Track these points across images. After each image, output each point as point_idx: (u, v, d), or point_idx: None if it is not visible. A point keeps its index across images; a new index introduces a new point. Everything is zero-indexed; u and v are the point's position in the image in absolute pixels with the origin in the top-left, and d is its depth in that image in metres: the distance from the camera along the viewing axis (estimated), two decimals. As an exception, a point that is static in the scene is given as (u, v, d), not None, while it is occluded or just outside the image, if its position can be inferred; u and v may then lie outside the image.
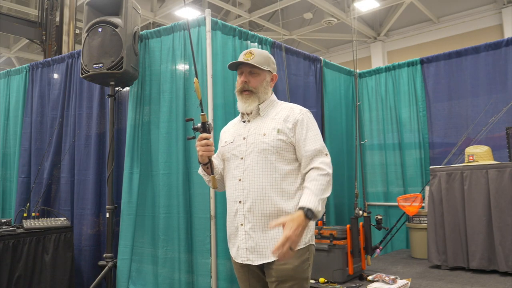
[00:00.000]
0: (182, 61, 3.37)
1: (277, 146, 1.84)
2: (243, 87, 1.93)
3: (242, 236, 1.85)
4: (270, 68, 1.98)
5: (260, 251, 1.82)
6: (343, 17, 10.45)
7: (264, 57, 1.96)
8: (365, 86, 5.09)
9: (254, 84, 1.93)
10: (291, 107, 1.96)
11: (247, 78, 1.93)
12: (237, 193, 1.87)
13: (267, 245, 1.80)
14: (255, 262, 1.83)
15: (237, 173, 1.88)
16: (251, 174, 1.84)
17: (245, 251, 1.84)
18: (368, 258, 3.41)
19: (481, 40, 4.68)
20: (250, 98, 1.93)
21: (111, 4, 3.33)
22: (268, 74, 1.98)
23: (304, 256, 1.82)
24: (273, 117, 1.92)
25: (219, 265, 3.06)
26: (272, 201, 1.80)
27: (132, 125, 3.44)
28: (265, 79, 1.96)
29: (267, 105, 1.97)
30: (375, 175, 4.89)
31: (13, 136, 4.45)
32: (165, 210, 3.27)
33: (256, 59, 1.92)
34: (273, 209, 1.80)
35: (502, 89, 4.17)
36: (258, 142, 1.86)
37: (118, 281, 3.28)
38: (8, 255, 3.10)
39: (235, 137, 1.97)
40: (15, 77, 4.58)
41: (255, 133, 1.90)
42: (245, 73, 1.94)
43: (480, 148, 3.75)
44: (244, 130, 1.96)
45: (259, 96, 1.94)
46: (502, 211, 3.32)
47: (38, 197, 3.97)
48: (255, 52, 1.94)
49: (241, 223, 1.85)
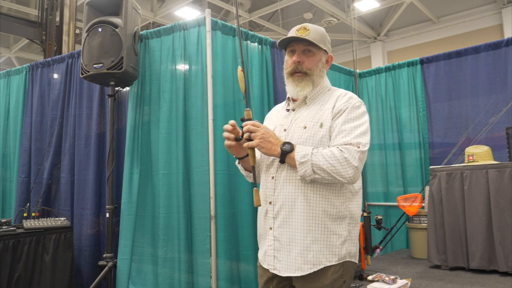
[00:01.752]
0: (182, 61, 3.37)
1: (317, 143, 1.57)
2: (295, 68, 1.66)
3: (270, 242, 1.63)
4: (326, 47, 1.69)
5: (287, 261, 1.59)
6: (343, 17, 10.45)
7: (320, 34, 1.67)
8: (365, 86, 5.09)
9: (309, 65, 1.65)
10: (341, 95, 1.66)
11: (301, 58, 1.65)
12: (268, 192, 1.65)
13: (296, 256, 1.57)
14: (281, 273, 1.61)
15: (272, 169, 1.65)
16: (284, 173, 1.61)
17: (273, 259, 1.63)
18: (368, 258, 3.41)
19: (481, 40, 4.68)
20: (304, 81, 1.65)
21: (111, 4, 3.33)
22: (324, 54, 1.70)
23: (337, 274, 1.57)
24: (320, 107, 1.64)
25: (219, 265, 3.05)
26: (302, 206, 1.56)
27: (132, 125, 3.44)
28: (320, 60, 1.68)
29: (318, 92, 1.69)
30: (375, 175, 4.90)
31: (13, 136, 4.45)
32: (165, 210, 3.27)
33: (312, 35, 1.62)
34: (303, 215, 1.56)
35: (502, 89, 4.17)
36: (297, 136, 1.61)
37: (118, 281, 3.28)
38: (8, 255, 3.10)
39: (276, 126, 1.72)
40: (15, 77, 4.58)
41: (296, 125, 1.65)
42: (298, 52, 1.65)
43: (480, 148, 3.75)
44: (287, 120, 1.70)
45: (314, 79, 1.66)
46: (502, 211, 3.31)
47: (38, 197, 3.96)
48: (310, 27, 1.65)
49: (270, 226, 1.64)
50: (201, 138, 3.16)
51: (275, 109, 1.87)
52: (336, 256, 1.57)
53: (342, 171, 1.49)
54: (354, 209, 1.64)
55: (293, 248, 1.58)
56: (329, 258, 1.57)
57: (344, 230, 1.59)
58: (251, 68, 3.49)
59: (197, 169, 3.19)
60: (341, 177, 1.51)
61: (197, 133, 3.20)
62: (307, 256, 1.56)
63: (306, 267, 1.56)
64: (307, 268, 1.56)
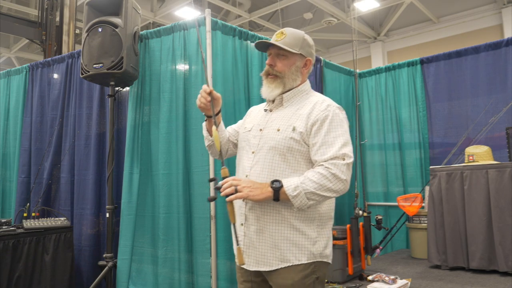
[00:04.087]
0: (182, 61, 3.37)
1: (288, 146, 1.62)
2: (268, 71, 1.74)
3: (241, 237, 1.69)
4: (302, 51, 1.73)
5: (256, 256, 1.65)
6: (343, 17, 10.45)
7: (296, 38, 1.72)
8: (365, 86, 5.09)
9: (281, 68, 1.71)
10: (318, 102, 1.69)
11: (273, 61, 1.72)
12: None
13: (265, 252, 1.63)
14: (250, 267, 1.68)
15: (247, 165, 1.71)
16: (256, 172, 1.66)
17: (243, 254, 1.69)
18: (368, 258, 3.41)
19: (481, 40, 4.68)
20: (274, 83, 1.71)
21: (111, 4, 3.33)
22: (299, 58, 1.74)
23: (307, 271, 1.61)
24: (296, 111, 1.68)
25: (219, 265, 3.06)
26: (271, 206, 1.61)
27: (132, 125, 3.44)
28: (294, 64, 1.72)
29: (294, 95, 1.74)
30: (375, 175, 4.90)
31: (13, 136, 4.45)
32: (165, 210, 3.27)
33: (286, 40, 1.69)
34: (272, 216, 1.62)
35: (502, 89, 4.17)
36: (270, 138, 1.66)
37: (118, 281, 3.28)
38: (8, 255, 3.10)
39: (254, 125, 1.78)
40: (15, 77, 4.58)
41: (271, 126, 1.70)
42: (272, 55, 1.74)
43: (480, 148, 3.75)
44: (264, 120, 1.76)
45: (285, 82, 1.72)
46: (502, 211, 3.31)
47: (38, 197, 3.96)
48: (287, 32, 1.72)
49: (241, 222, 1.69)
50: (201, 138, 3.10)
51: (257, 108, 1.92)
52: (305, 255, 1.62)
53: (332, 186, 1.54)
54: (323, 211, 1.68)
55: (262, 244, 1.64)
56: (298, 256, 1.62)
57: (313, 231, 1.64)
58: (251, 68, 3.49)
59: (197, 169, 3.19)
60: (333, 192, 1.56)
61: (197, 133, 3.20)
62: (275, 253, 1.62)
63: (274, 262, 1.63)
64: (275, 264, 1.62)
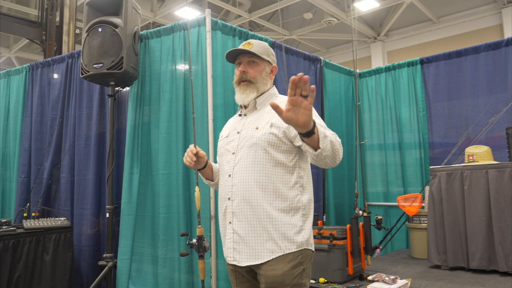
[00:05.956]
0: (182, 61, 3.37)
1: (268, 141, 1.71)
2: (241, 77, 1.84)
3: (230, 235, 1.75)
4: (269, 59, 1.89)
5: (246, 251, 1.70)
6: (343, 17, 10.45)
7: (262, 47, 1.87)
8: (365, 86, 5.09)
9: (253, 74, 1.83)
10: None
11: (246, 68, 1.84)
12: (226, 189, 1.78)
13: (254, 245, 1.69)
14: (241, 263, 1.72)
15: (228, 168, 1.79)
16: (240, 169, 1.74)
17: (232, 251, 1.74)
18: (368, 258, 3.41)
19: (481, 40, 4.68)
20: (248, 89, 1.83)
21: (111, 4, 3.33)
22: (267, 64, 1.89)
23: (296, 261, 1.67)
24: (269, 111, 1.79)
25: (219, 265, 3.06)
26: (257, 200, 1.69)
27: (132, 125, 3.44)
28: (264, 70, 1.87)
29: (266, 98, 1.88)
30: (375, 175, 4.89)
31: (13, 136, 4.45)
32: (165, 210, 3.27)
33: (255, 48, 1.83)
34: (258, 209, 1.68)
35: (502, 89, 4.17)
36: (249, 136, 1.76)
37: (118, 281, 3.28)
38: (8, 255, 3.10)
39: (230, 131, 1.89)
40: (15, 77, 4.58)
41: (249, 127, 1.80)
42: (244, 63, 1.85)
43: (480, 148, 3.75)
44: (240, 124, 1.87)
45: (258, 87, 1.84)
46: (502, 211, 3.31)
47: (38, 197, 3.97)
48: (254, 42, 1.86)
49: (229, 221, 1.75)
50: (201, 138, 3.16)
51: (231, 119, 2.03)
52: (295, 244, 1.68)
53: (340, 154, 1.57)
54: (306, 201, 1.76)
55: (251, 239, 1.70)
56: (288, 246, 1.68)
57: (298, 221, 1.71)
58: (251, 68, 3.49)
59: (197, 169, 3.19)
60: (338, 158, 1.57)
61: (197, 133, 3.20)
62: (265, 245, 1.68)
63: (265, 254, 1.67)
64: (266, 256, 1.67)
